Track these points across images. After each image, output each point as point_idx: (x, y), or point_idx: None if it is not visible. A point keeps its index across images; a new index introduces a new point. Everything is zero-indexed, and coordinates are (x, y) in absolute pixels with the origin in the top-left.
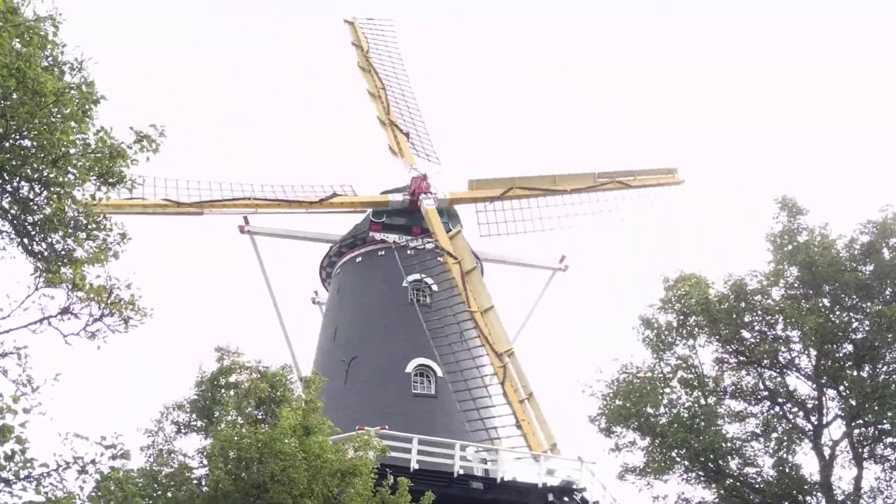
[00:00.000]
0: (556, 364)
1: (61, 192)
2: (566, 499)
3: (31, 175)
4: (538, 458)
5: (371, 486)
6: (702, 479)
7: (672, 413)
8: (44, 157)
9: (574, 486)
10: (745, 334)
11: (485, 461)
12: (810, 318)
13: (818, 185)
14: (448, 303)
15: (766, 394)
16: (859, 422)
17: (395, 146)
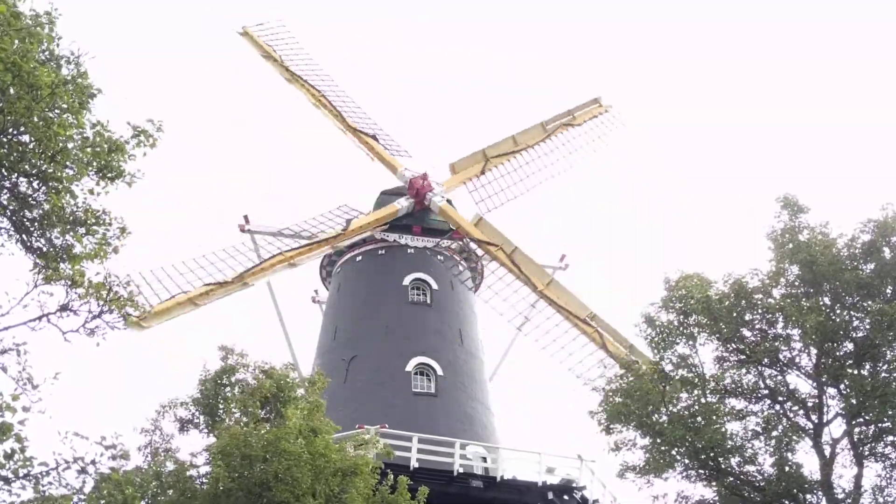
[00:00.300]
0: (556, 363)
1: (60, 188)
2: (566, 497)
3: (29, 171)
4: (538, 455)
5: (372, 486)
6: (702, 478)
7: (672, 411)
8: (42, 153)
9: (574, 485)
10: (745, 333)
11: (485, 459)
12: (811, 317)
13: (818, 184)
14: (455, 299)
15: (766, 392)
16: (860, 420)
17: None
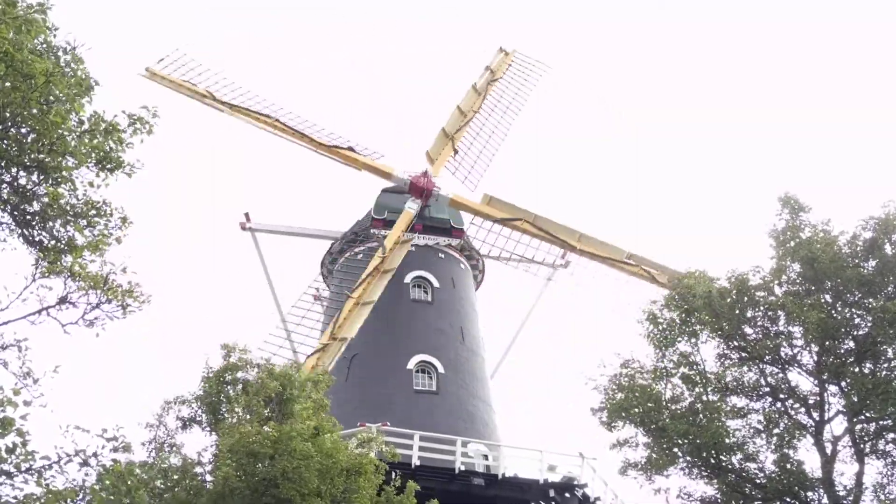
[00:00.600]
0: (557, 360)
1: (59, 178)
2: (567, 495)
3: (28, 163)
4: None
5: (377, 485)
6: (703, 475)
7: (673, 408)
8: (41, 146)
9: (575, 482)
10: (747, 330)
11: (486, 457)
12: (812, 314)
13: (819, 183)
14: (456, 297)
15: (767, 390)
16: (861, 417)
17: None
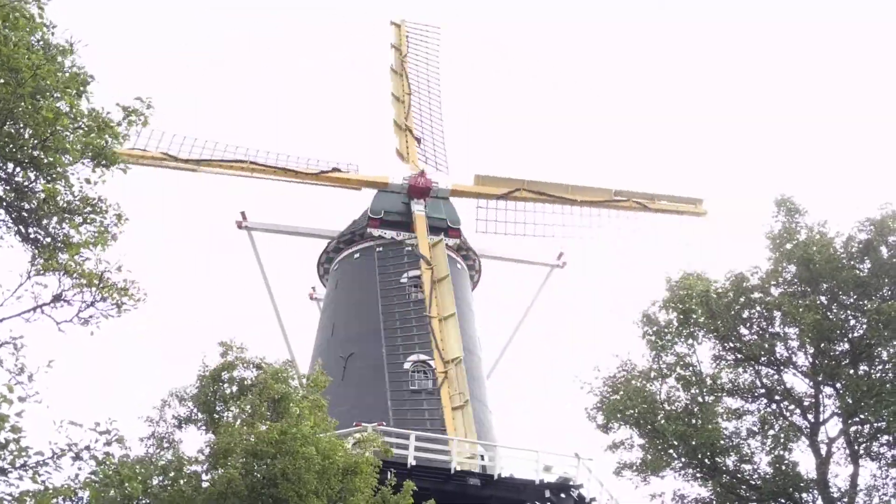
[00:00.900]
0: (553, 360)
1: (54, 174)
2: (563, 495)
3: (23, 159)
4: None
5: (373, 485)
6: (698, 476)
7: (669, 410)
8: (35, 142)
9: (571, 483)
10: (742, 331)
11: (482, 457)
12: (808, 315)
13: (817, 184)
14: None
15: (763, 391)
16: (855, 419)
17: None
